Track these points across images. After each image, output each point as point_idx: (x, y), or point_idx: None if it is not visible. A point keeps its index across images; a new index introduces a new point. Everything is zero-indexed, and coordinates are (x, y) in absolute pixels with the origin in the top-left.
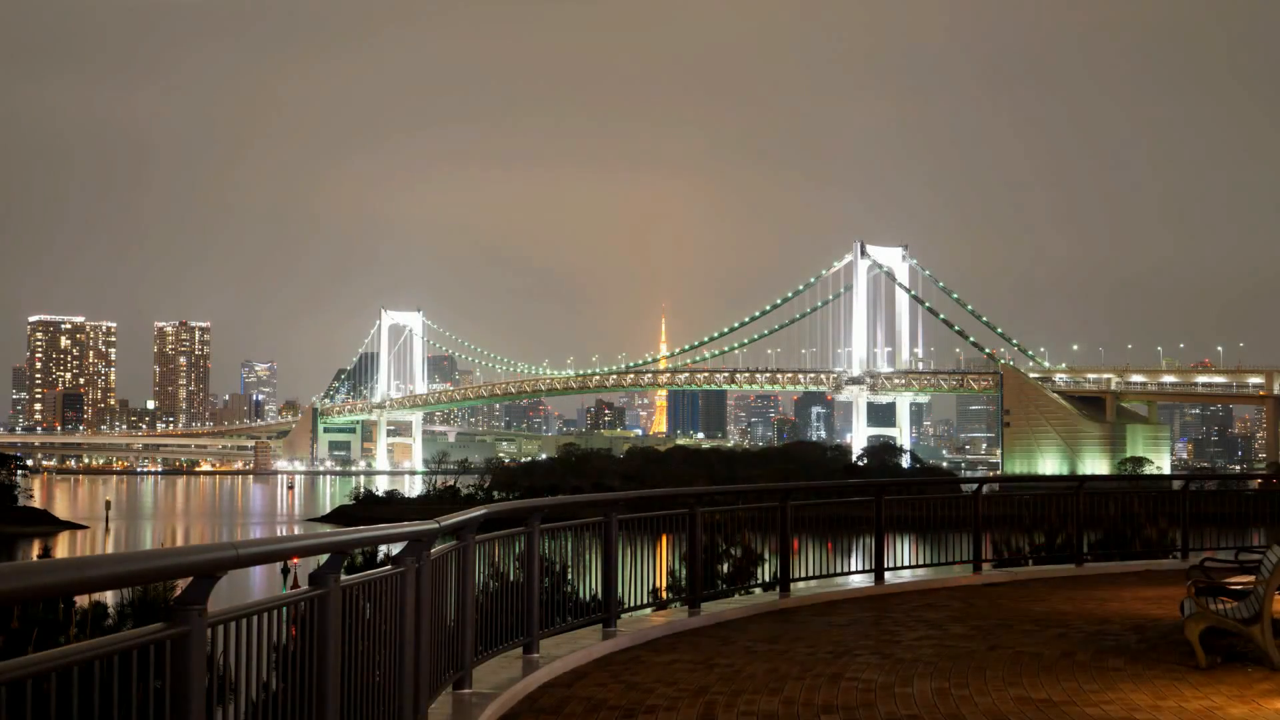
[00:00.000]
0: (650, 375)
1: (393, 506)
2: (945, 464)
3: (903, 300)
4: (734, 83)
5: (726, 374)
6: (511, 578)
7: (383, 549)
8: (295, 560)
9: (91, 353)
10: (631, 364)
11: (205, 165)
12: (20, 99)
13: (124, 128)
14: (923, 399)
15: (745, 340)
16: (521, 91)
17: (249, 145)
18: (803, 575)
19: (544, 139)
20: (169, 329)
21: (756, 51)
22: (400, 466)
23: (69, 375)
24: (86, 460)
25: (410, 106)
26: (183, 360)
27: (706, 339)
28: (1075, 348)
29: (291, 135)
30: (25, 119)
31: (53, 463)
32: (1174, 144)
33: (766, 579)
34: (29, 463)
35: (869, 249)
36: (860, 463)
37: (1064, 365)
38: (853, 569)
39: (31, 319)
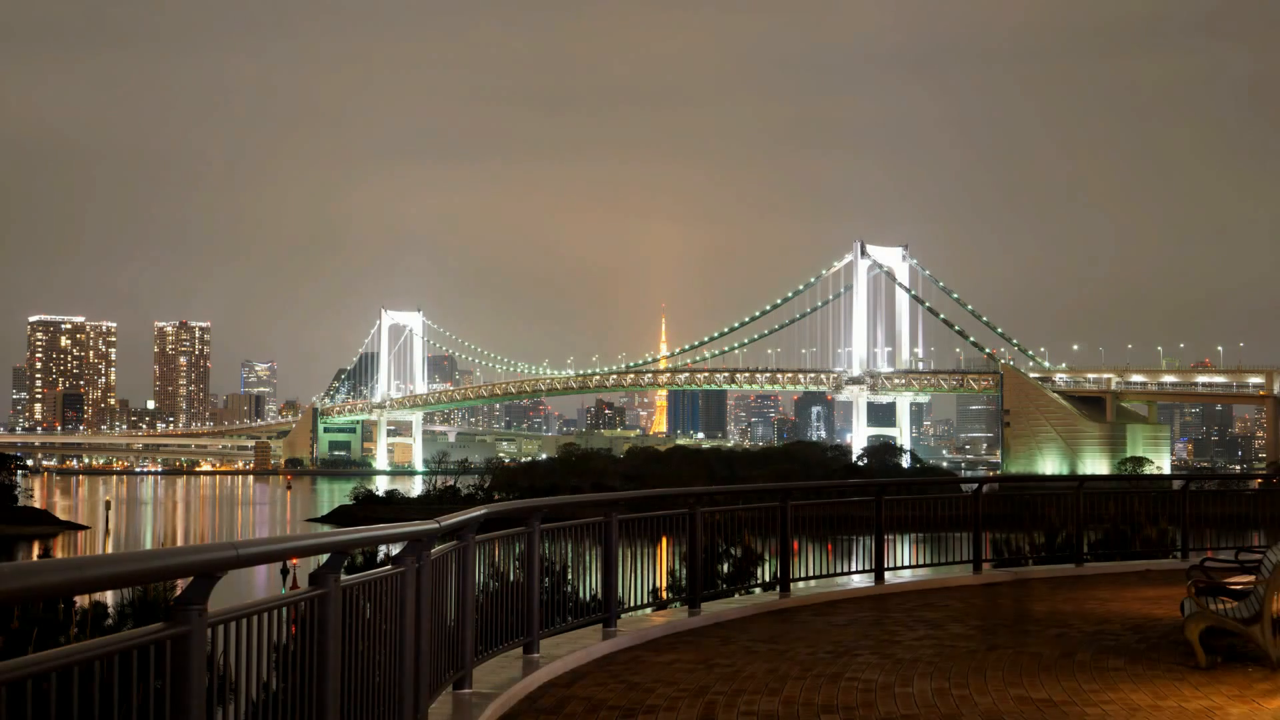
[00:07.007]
0: (650, 375)
1: (393, 506)
2: (945, 464)
3: (903, 300)
4: (734, 82)
5: (726, 374)
6: (511, 578)
7: (383, 549)
8: (295, 560)
9: (91, 353)
10: (631, 364)
11: (206, 165)
12: (20, 99)
13: (124, 128)
14: (923, 399)
15: (745, 340)
16: (522, 91)
17: (250, 147)
18: (803, 575)
19: (544, 138)
20: (169, 329)
21: (757, 50)
22: (400, 467)
23: (69, 375)
24: (86, 460)
25: (411, 107)
26: (183, 360)
27: (706, 339)
28: (1075, 348)
29: (292, 136)
30: (26, 119)
31: (53, 463)
32: (1174, 143)
33: (766, 579)
34: (29, 463)
35: (869, 249)
36: (860, 463)
37: (1064, 365)
38: (853, 569)
39: (31, 319)
